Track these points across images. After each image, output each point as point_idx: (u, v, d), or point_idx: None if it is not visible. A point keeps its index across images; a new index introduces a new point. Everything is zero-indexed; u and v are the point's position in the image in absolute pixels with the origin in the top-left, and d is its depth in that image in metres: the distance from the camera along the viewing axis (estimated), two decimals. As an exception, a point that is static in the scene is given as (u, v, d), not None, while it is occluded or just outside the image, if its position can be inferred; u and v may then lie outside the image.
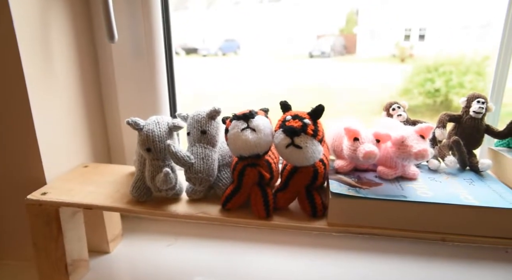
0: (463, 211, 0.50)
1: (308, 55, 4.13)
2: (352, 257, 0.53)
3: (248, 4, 4.34)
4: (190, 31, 4.67)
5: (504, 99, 0.71)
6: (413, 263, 0.55)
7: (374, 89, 3.34)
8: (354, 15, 4.45)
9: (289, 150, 0.50)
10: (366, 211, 0.52)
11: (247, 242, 0.69)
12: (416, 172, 0.58)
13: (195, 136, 0.56)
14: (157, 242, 0.76)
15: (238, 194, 0.56)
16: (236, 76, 3.89)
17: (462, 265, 0.58)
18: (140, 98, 0.75)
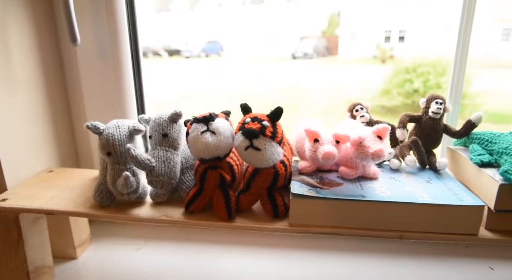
0: (418, 209, 0.51)
1: (291, 56, 4.17)
2: (314, 257, 0.54)
3: (231, 6, 4.34)
4: (173, 33, 4.64)
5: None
6: (376, 261, 0.56)
7: (355, 90, 3.39)
8: (336, 17, 4.51)
9: (248, 152, 0.51)
10: (326, 211, 0.53)
11: (217, 244, 0.69)
12: (376, 172, 0.59)
13: (157, 139, 0.56)
14: (127, 246, 0.76)
15: (201, 197, 0.56)
16: (219, 77, 3.89)
17: (424, 261, 0.60)
18: (107, 100, 0.74)
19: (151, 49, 4.92)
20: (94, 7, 0.68)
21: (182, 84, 3.66)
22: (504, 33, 3.70)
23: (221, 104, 1.98)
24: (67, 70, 0.74)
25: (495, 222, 0.53)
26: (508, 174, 0.50)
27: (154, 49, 4.71)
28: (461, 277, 0.56)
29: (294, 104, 3.37)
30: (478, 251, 0.62)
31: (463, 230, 0.52)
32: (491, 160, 0.56)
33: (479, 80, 3.07)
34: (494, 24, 3.55)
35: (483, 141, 0.60)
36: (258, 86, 3.56)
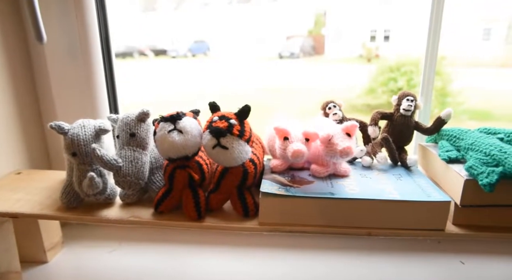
0: (386, 206, 0.51)
1: (277, 56, 4.17)
2: (285, 255, 0.53)
3: (217, 5, 4.32)
4: (159, 33, 4.60)
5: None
6: (349, 258, 0.56)
7: (342, 88, 3.41)
8: (322, 17, 4.53)
9: (216, 150, 0.50)
10: (295, 209, 0.53)
11: (192, 244, 0.68)
12: (347, 169, 0.59)
13: (124, 139, 0.55)
14: (100, 249, 0.74)
15: (170, 197, 0.55)
16: (206, 77, 3.87)
17: (397, 257, 0.60)
18: (78, 100, 0.73)
19: (136, 48, 4.87)
20: (62, 3, 0.67)
21: (168, 84, 3.63)
22: (485, 32, 3.78)
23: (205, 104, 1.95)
24: (35, 70, 0.72)
25: (461, 217, 0.53)
26: (472, 169, 0.50)
27: (140, 48, 4.67)
28: (433, 272, 0.57)
29: (281, 104, 3.37)
30: (450, 245, 0.62)
31: (430, 226, 0.52)
32: (458, 156, 0.56)
33: (461, 79, 3.13)
34: (475, 24, 3.62)
35: (452, 137, 0.60)
36: (245, 85, 3.56)
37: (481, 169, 0.49)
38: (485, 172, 0.49)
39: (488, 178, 0.48)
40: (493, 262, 0.57)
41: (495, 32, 3.71)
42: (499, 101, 2.97)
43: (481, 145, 0.53)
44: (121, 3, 0.69)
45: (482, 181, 0.48)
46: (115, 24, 0.79)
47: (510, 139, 0.58)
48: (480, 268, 0.56)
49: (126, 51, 4.81)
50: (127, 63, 4.19)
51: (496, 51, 3.62)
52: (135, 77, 3.79)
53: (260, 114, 2.01)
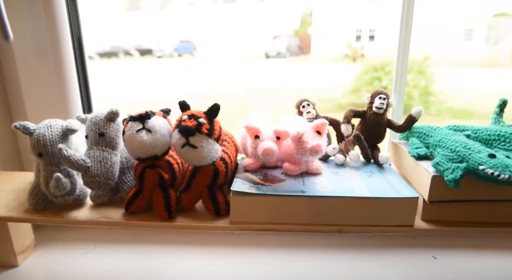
0: (356, 203, 0.52)
1: (264, 55, 4.19)
2: (257, 253, 0.53)
3: (202, 5, 4.30)
4: (144, 32, 4.55)
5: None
6: (322, 256, 0.57)
7: (328, 87, 3.45)
8: (308, 17, 4.56)
9: (185, 149, 0.50)
10: (266, 207, 0.53)
11: (168, 244, 0.67)
12: (320, 167, 0.60)
13: (93, 139, 0.54)
14: (74, 251, 0.73)
15: (140, 197, 0.55)
16: (192, 77, 3.85)
17: (371, 254, 0.60)
18: (49, 100, 0.71)
19: (122, 48, 4.81)
20: (30, 3, 0.65)
21: (153, 84, 3.60)
22: (467, 33, 3.86)
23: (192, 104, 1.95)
24: (4, 69, 0.70)
25: (430, 213, 0.54)
26: (439, 166, 0.51)
27: (125, 48, 4.62)
28: (406, 267, 0.58)
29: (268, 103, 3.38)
30: (424, 241, 0.63)
31: (399, 222, 0.53)
32: (427, 153, 0.57)
33: (444, 78, 3.19)
34: (458, 25, 3.70)
35: (421, 134, 0.61)
36: (231, 85, 3.55)
37: (447, 165, 0.50)
38: (451, 168, 0.50)
39: (453, 174, 0.49)
40: (464, 256, 0.58)
41: (476, 33, 3.80)
42: (480, 99, 3.03)
43: (447, 141, 0.54)
44: (105, 2, 0.67)
45: (448, 177, 0.49)
46: (98, 23, 0.78)
47: (477, 136, 0.60)
48: (451, 262, 0.57)
49: (111, 50, 4.76)
50: (112, 63, 4.15)
51: (477, 51, 3.71)
52: (119, 77, 3.75)
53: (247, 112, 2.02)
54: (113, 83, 3.47)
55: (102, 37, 4.04)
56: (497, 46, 3.53)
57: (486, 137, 0.58)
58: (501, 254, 0.57)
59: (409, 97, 2.93)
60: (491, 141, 0.57)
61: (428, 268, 0.59)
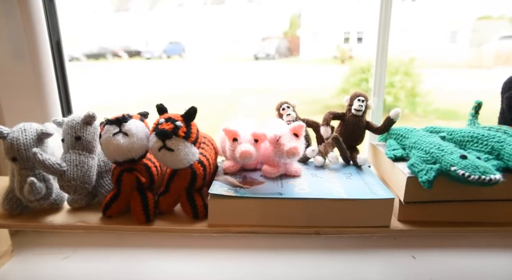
0: (333, 205, 0.52)
1: (253, 57, 4.18)
2: (235, 256, 0.53)
3: (191, 6, 4.30)
4: (133, 34, 4.52)
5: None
6: (303, 257, 0.57)
7: (316, 89, 3.46)
8: (297, 18, 4.59)
9: (162, 153, 0.50)
10: (244, 210, 0.53)
11: (148, 248, 0.67)
12: (298, 169, 0.60)
13: (69, 143, 0.53)
14: (53, 256, 0.72)
15: (118, 200, 0.54)
16: (181, 78, 3.84)
17: (352, 254, 0.61)
18: (27, 104, 0.70)
19: (110, 50, 4.77)
20: (6, 5, 0.64)
21: (142, 86, 3.57)
22: (452, 35, 3.93)
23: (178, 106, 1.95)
24: (-19, 72, 0.69)
25: (406, 213, 0.55)
26: (414, 167, 0.52)
27: (113, 50, 4.57)
28: (386, 267, 0.58)
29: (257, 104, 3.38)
30: (404, 241, 0.64)
31: (376, 223, 0.53)
32: (403, 155, 0.58)
33: (430, 79, 3.23)
34: (443, 27, 3.76)
35: (398, 136, 0.62)
36: (221, 87, 3.55)
37: (421, 167, 0.51)
38: (424, 170, 0.50)
39: (427, 175, 0.49)
40: (442, 255, 0.59)
41: (460, 35, 3.87)
42: (466, 100, 3.08)
43: (422, 143, 0.55)
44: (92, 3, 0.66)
45: (422, 178, 0.50)
46: (86, 24, 0.77)
47: (452, 137, 0.61)
48: (429, 262, 0.58)
49: (99, 52, 4.70)
50: (99, 65, 4.10)
51: (462, 53, 3.77)
52: (107, 79, 3.71)
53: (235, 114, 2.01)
54: (100, 84, 3.43)
55: (90, 38, 4.00)
56: (481, 48, 3.60)
57: (461, 139, 0.59)
58: (477, 252, 0.58)
59: (396, 98, 2.96)
60: (465, 142, 0.59)
61: (407, 268, 0.60)
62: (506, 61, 3.75)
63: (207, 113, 2.77)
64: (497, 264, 0.53)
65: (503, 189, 0.51)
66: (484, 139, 0.56)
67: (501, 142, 0.54)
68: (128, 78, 3.71)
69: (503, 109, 0.67)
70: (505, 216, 0.54)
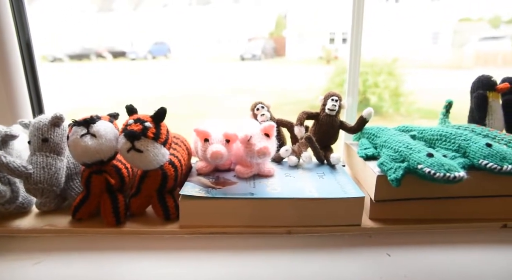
0: (305, 204, 0.52)
1: (239, 57, 4.19)
2: (207, 257, 0.53)
3: (177, 7, 4.28)
4: (117, 34, 4.46)
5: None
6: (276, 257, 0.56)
7: (301, 89, 3.49)
8: (283, 19, 4.61)
9: (131, 154, 0.49)
10: (216, 210, 0.53)
11: (121, 250, 0.65)
12: (272, 169, 0.60)
13: (36, 145, 0.52)
14: (24, 262, 0.70)
15: (88, 203, 0.53)
16: (167, 79, 3.81)
17: (326, 254, 0.61)
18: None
19: (93, 50, 4.70)
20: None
21: (126, 87, 3.53)
22: (434, 36, 4.01)
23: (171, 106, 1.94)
24: None
25: (377, 212, 0.55)
26: (383, 166, 0.53)
27: (97, 50, 4.51)
28: (361, 266, 0.58)
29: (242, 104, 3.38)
30: (379, 239, 0.64)
31: (347, 221, 0.54)
32: (374, 153, 0.59)
33: (413, 79, 3.29)
34: (425, 28, 3.83)
35: (370, 135, 0.63)
36: (207, 87, 3.54)
37: (390, 165, 0.52)
38: (393, 168, 0.51)
39: (395, 173, 0.50)
40: (416, 252, 0.59)
41: (442, 36, 3.95)
42: (447, 100, 3.15)
43: (392, 142, 0.56)
44: (74, 3, 0.65)
45: (390, 177, 0.51)
46: (68, 25, 0.75)
47: (423, 136, 0.62)
48: (404, 259, 0.59)
49: (83, 53, 4.63)
50: (83, 65, 4.04)
51: (444, 54, 3.85)
52: (90, 80, 3.65)
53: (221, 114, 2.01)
54: (83, 86, 3.39)
55: (72, 39, 3.94)
56: (462, 49, 3.69)
57: (430, 137, 0.60)
58: (449, 248, 0.59)
59: (381, 98, 3.01)
60: (434, 140, 0.60)
61: (382, 265, 0.60)
62: (485, 62, 3.86)
63: (192, 113, 2.74)
64: (468, 259, 0.54)
65: (471, 186, 0.52)
66: (452, 138, 0.57)
67: (467, 140, 0.55)
68: (113, 79, 3.67)
69: (472, 108, 0.69)
70: (473, 212, 0.55)
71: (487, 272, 0.49)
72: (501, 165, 0.50)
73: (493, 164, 0.50)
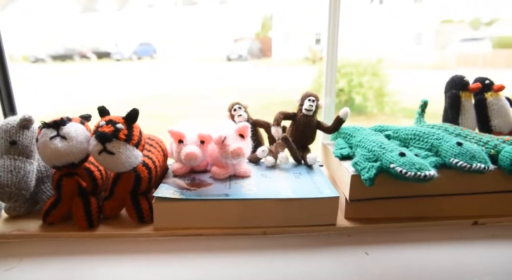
0: (279, 204, 0.52)
1: (226, 58, 4.18)
2: (185, 259, 0.52)
3: (162, 7, 4.24)
4: (101, 35, 4.41)
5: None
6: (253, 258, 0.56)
7: (287, 90, 3.50)
8: (269, 20, 4.62)
9: (102, 156, 0.48)
10: (190, 212, 0.52)
11: (95, 254, 0.64)
12: (248, 170, 0.60)
13: (3, 148, 0.51)
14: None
15: (59, 206, 0.52)
16: (152, 80, 3.77)
17: (304, 254, 0.60)
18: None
19: (77, 51, 4.62)
20: None
21: (111, 88, 3.49)
22: (417, 37, 4.08)
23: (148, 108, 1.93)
24: None
25: (352, 211, 0.56)
26: (357, 165, 0.53)
27: (81, 51, 4.44)
28: (339, 265, 0.58)
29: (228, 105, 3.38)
30: (358, 238, 0.65)
31: (322, 221, 0.54)
32: (350, 153, 0.59)
33: (398, 80, 3.34)
34: (408, 29, 3.90)
35: (346, 135, 0.63)
36: (193, 88, 3.52)
37: (364, 165, 0.52)
38: (366, 168, 0.51)
39: (368, 173, 0.51)
40: (393, 250, 0.60)
41: (425, 37, 4.02)
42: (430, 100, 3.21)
43: (366, 142, 0.56)
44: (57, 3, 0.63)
45: (364, 176, 0.51)
46: (50, 25, 0.74)
47: (398, 135, 0.63)
48: (381, 257, 0.59)
49: (66, 53, 4.55)
50: (66, 66, 3.97)
51: (427, 55, 3.92)
52: (73, 81, 3.59)
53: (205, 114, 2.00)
54: (66, 87, 3.33)
55: (55, 39, 3.88)
56: (444, 50, 3.76)
57: (405, 136, 0.61)
58: (425, 246, 0.60)
59: (365, 98, 3.04)
60: (408, 140, 0.60)
61: (360, 264, 0.60)
62: (466, 62, 3.96)
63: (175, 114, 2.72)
64: (442, 256, 0.55)
65: (443, 184, 0.53)
66: (425, 137, 0.58)
67: (439, 139, 0.56)
68: (97, 80, 3.61)
69: (446, 107, 0.70)
70: (446, 210, 0.56)
71: (460, 268, 0.50)
72: (470, 163, 0.51)
73: (463, 163, 0.51)
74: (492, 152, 0.55)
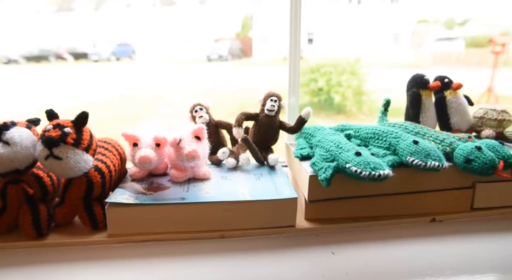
0: (237, 207, 0.51)
1: (206, 58, 4.15)
2: (142, 264, 0.51)
3: (140, 7, 4.18)
4: (78, 35, 4.30)
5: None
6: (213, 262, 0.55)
7: (267, 90, 3.51)
8: (249, 20, 4.62)
9: (49, 161, 0.46)
10: (146, 217, 0.51)
11: (47, 264, 0.61)
12: (207, 173, 0.59)
13: None
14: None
15: (5, 215, 0.50)
16: (131, 81, 3.71)
17: (268, 255, 0.60)
18: None
19: (53, 52, 4.49)
20: None
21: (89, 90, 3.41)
22: (395, 37, 4.15)
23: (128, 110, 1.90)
24: None
25: (312, 212, 0.55)
26: (315, 165, 0.53)
27: (57, 52, 4.32)
28: (304, 265, 0.58)
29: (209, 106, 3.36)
30: (325, 238, 0.64)
31: (282, 223, 0.53)
32: (310, 153, 0.59)
33: (375, 79, 3.39)
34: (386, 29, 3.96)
35: (307, 135, 0.63)
36: (173, 89, 3.48)
37: (321, 165, 0.52)
38: (323, 168, 0.51)
39: (325, 173, 0.50)
40: (358, 249, 0.60)
41: (402, 37, 4.10)
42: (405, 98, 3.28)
43: (324, 141, 0.56)
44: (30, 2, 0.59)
45: (320, 177, 0.51)
46: (23, 25, 0.70)
47: (358, 135, 0.63)
48: (347, 256, 0.59)
49: (41, 54, 4.42)
50: (41, 68, 3.86)
51: (404, 54, 4.00)
52: (48, 82, 3.49)
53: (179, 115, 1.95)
54: (41, 89, 3.24)
55: (29, 39, 3.76)
56: (420, 49, 3.84)
57: (365, 135, 0.61)
58: (384, 244, 0.60)
59: (344, 97, 3.08)
60: (368, 139, 0.61)
61: (326, 264, 0.60)
62: (441, 61, 4.06)
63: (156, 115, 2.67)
64: (402, 253, 0.56)
65: (400, 182, 0.53)
66: (384, 135, 0.58)
67: (397, 138, 0.56)
68: (73, 81, 3.53)
69: (407, 106, 0.71)
70: (404, 208, 0.57)
71: (422, 263, 0.51)
72: (425, 162, 0.51)
73: (418, 161, 0.52)
74: (448, 150, 0.56)
